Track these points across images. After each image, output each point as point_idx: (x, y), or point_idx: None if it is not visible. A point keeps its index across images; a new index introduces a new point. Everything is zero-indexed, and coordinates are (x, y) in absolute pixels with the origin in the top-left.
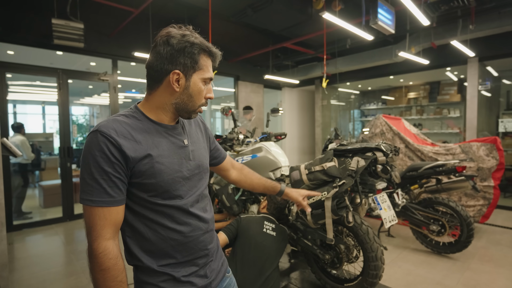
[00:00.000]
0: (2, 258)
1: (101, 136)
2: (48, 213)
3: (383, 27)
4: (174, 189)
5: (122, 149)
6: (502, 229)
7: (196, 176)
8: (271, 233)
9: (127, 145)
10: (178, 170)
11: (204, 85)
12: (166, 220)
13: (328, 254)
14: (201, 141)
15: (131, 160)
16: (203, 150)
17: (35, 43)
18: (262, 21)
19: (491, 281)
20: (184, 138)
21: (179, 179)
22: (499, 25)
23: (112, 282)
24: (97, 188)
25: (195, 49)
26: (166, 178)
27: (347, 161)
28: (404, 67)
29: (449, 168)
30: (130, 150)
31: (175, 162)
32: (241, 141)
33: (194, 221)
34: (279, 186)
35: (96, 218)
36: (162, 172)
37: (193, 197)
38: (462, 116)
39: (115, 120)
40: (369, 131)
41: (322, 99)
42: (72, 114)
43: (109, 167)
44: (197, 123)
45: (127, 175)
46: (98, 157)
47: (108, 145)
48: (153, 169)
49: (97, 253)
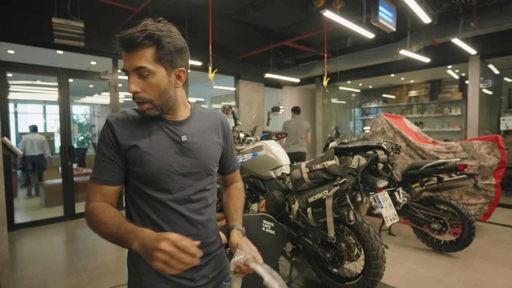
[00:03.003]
0: (4, 257)
1: (106, 124)
2: (50, 212)
3: (384, 25)
4: (162, 182)
5: (116, 136)
6: (503, 227)
7: (194, 175)
8: (270, 232)
9: (122, 133)
10: (168, 164)
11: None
12: (151, 212)
13: (329, 253)
14: (211, 142)
15: (121, 147)
16: (212, 150)
17: (36, 43)
18: (262, 20)
19: (492, 280)
20: (183, 134)
21: (169, 173)
22: (501, 22)
23: (109, 218)
24: (96, 167)
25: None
26: (153, 169)
27: (348, 160)
28: (405, 65)
29: (450, 166)
30: (123, 137)
31: (166, 155)
32: (242, 139)
33: (180, 221)
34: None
35: (91, 191)
36: (150, 163)
37: (184, 195)
38: (463, 114)
39: (124, 111)
40: (370, 129)
41: (323, 98)
42: (73, 114)
43: (106, 151)
44: (217, 123)
45: (122, 160)
46: (100, 141)
47: (108, 132)
48: (141, 158)
49: (89, 212)
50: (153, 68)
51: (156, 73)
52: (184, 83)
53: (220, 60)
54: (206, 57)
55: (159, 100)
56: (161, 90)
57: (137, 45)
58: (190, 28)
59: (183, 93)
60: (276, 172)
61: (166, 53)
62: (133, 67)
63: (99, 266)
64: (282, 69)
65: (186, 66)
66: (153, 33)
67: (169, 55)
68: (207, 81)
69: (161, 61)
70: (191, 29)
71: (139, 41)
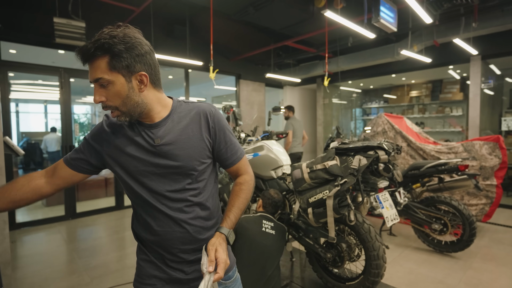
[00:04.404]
0: (5, 256)
1: (102, 121)
2: (51, 212)
3: (385, 25)
4: (140, 183)
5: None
6: (504, 228)
7: (170, 176)
8: (270, 232)
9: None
10: (143, 165)
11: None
12: (142, 211)
13: (330, 253)
14: (192, 140)
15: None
16: (191, 149)
17: (37, 42)
18: (263, 20)
19: (493, 280)
20: (157, 138)
21: (146, 173)
22: (502, 22)
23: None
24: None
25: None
26: (131, 169)
27: (349, 160)
28: (406, 66)
29: (451, 166)
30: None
31: (140, 158)
32: (242, 139)
33: (164, 219)
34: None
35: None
36: (125, 165)
37: (162, 195)
38: (464, 114)
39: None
40: (371, 129)
41: (324, 98)
42: (74, 113)
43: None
44: (199, 117)
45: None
46: (90, 132)
47: (99, 127)
48: (117, 161)
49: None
50: (110, 77)
51: (114, 81)
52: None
53: (221, 60)
54: (207, 57)
55: (124, 107)
56: (124, 97)
57: (91, 57)
58: (191, 28)
59: (157, 94)
60: (277, 172)
61: (120, 60)
62: (92, 79)
63: (100, 266)
64: (283, 69)
65: (148, 69)
66: (103, 42)
67: (124, 62)
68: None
69: (116, 69)
70: (192, 29)
71: (91, 52)
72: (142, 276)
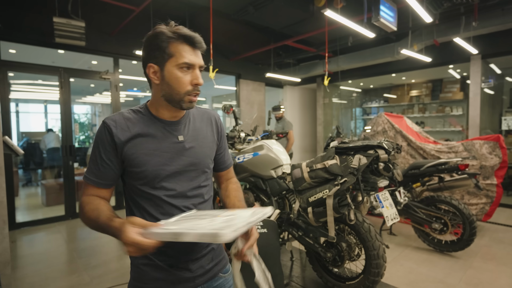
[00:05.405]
0: (5, 256)
1: (103, 126)
2: (51, 211)
3: (385, 25)
4: (159, 181)
5: (113, 138)
6: (504, 227)
7: (190, 173)
8: (262, 231)
9: (119, 135)
10: (165, 163)
11: (182, 71)
12: (150, 207)
13: (330, 252)
14: (208, 140)
15: (118, 149)
16: (207, 149)
17: (37, 42)
18: (263, 19)
19: (494, 280)
20: (180, 135)
21: (166, 172)
22: (503, 22)
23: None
24: (91, 168)
25: (161, 38)
26: (151, 169)
27: (349, 159)
28: (406, 65)
29: (451, 166)
30: (120, 139)
31: (163, 155)
32: (242, 139)
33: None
34: None
35: (85, 187)
36: (148, 163)
37: (180, 193)
38: (464, 114)
39: (120, 113)
40: (371, 129)
41: (324, 97)
42: (74, 113)
43: (104, 153)
44: (210, 121)
45: (118, 163)
46: (97, 143)
47: (105, 134)
48: (139, 159)
49: (80, 205)
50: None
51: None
52: None
53: (221, 59)
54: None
55: None
56: None
57: (201, 48)
58: (191, 27)
59: None
60: (277, 172)
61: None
62: (200, 64)
63: (100, 265)
64: (283, 68)
65: None
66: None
67: None
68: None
69: None
70: (192, 29)
71: (203, 46)
72: (144, 280)
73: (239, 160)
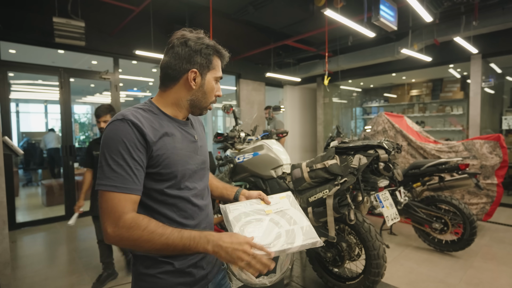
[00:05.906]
0: (5, 256)
1: (127, 125)
2: (51, 212)
3: (386, 24)
4: (185, 180)
5: (145, 138)
6: (505, 227)
7: (202, 171)
8: None
9: (150, 134)
10: (188, 162)
11: (215, 84)
12: (174, 214)
13: (330, 252)
14: (205, 138)
15: (149, 149)
16: (207, 147)
17: (37, 42)
18: (263, 19)
19: (494, 279)
20: (195, 134)
21: (189, 171)
22: (503, 21)
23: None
24: (122, 175)
25: (210, 50)
26: (180, 168)
27: (349, 159)
28: (406, 64)
29: (452, 165)
30: (151, 139)
31: (186, 154)
32: (242, 139)
33: (199, 213)
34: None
35: (119, 200)
36: (177, 163)
37: (197, 190)
38: (465, 113)
39: (137, 111)
40: (371, 128)
41: (324, 97)
42: (74, 113)
43: (135, 155)
44: (200, 122)
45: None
46: (123, 145)
47: (134, 134)
48: (169, 159)
49: (130, 225)
50: None
51: None
52: None
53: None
54: None
55: None
56: None
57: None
58: (190, 27)
59: None
60: (277, 172)
61: None
62: (221, 77)
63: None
64: (283, 68)
65: None
66: None
67: None
68: None
69: None
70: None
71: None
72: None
73: (239, 160)
